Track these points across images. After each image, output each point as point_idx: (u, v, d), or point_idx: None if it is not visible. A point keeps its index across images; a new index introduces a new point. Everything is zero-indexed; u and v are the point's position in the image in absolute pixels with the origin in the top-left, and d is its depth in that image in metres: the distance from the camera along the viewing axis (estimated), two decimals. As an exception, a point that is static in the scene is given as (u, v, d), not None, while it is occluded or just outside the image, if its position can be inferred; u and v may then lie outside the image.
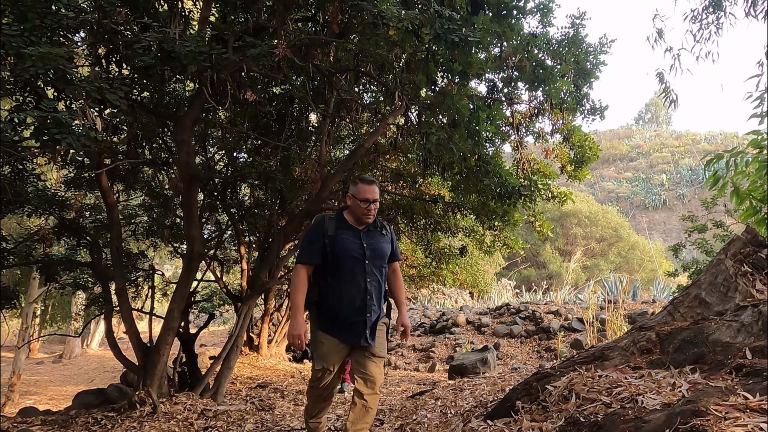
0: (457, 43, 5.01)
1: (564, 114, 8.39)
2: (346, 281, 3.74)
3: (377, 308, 3.82)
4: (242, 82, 5.85)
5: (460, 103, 5.98)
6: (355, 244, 3.79)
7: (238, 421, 5.80)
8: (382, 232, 3.96)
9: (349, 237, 3.80)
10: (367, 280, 3.76)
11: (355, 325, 3.74)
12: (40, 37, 4.02)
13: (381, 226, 3.99)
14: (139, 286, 9.33)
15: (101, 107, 4.84)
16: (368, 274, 3.77)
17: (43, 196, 7.04)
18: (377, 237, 3.91)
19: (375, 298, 3.80)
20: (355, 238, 3.82)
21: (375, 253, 3.83)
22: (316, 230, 3.82)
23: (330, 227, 3.80)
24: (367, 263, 3.77)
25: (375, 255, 3.83)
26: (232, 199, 8.82)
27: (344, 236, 3.79)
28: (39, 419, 5.98)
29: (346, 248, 3.75)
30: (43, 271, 7.69)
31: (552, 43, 7.92)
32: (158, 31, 4.76)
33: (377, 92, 8.20)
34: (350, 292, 3.74)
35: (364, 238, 3.83)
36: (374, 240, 3.87)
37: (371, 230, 3.90)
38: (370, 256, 3.80)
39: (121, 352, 6.72)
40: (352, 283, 3.74)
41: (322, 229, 3.80)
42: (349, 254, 3.74)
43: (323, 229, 3.80)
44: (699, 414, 2.53)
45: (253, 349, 12.76)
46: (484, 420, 3.88)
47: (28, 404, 11.13)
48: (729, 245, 4.41)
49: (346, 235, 3.80)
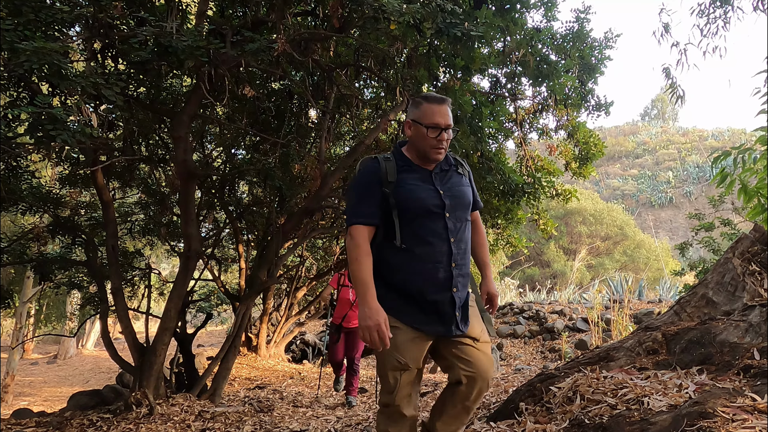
0: (460, 37, 5.01)
1: (568, 110, 8.38)
2: (421, 244, 2.70)
3: (465, 279, 2.80)
4: (240, 77, 5.85)
5: (463, 99, 5.98)
6: (428, 191, 2.75)
7: (236, 422, 5.81)
8: (458, 170, 2.93)
9: (417, 182, 2.76)
10: (451, 240, 2.73)
11: (438, 305, 2.70)
12: (35, 31, 4.02)
13: (455, 163, 2.96)
14: (136, 285, 9.34)
15: (97, 103, 4.84)
16: (451, 231, 2.74)
17: (38, 193, 7.03)
18: (455, 178, 2.87)
19: (462, 265, 2.76)
20: (426, 182, 2.78)
21: (457, 202, 2.80)
22: (369, 176, 2.76)
23: (389, 170, 2.75)
24: (448, 216, 2.74)
25: (457, 204, 2.79)
26: (230, 196, 8.83)
27: (411, 182, 2.76)
28: (33, 421, 5.99)
29: (417, 198, 2.71)
30: (38, 270, 7.70)
31: (556, 38, 7.92)
32: (155, 26, 4.76)
33: (378, 88, 8.20)
34: (428, 259, 2.70)
35: (438, 182, 2.80)
36: (452, 183, 2.84)
37: (444, 170, 2.87)
38: (451, 206, 2.76)
39: (117, 353, 6.72)
40: (430, 247, 2.71)
41: (379, 175, 2.74)
42: (423, 206, 2.71)
43: (380, 173, 2.74)
44: (706, 416, 2.54)
45: (252, 350, 12.78)
46: (487, 422, 3.88)
47: (22, 406, 11.16)
48: (737, 244, 4.41)
49: (413, 179, 2.77)
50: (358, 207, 2.74)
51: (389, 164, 2.77)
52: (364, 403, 7.24)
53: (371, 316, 2.51)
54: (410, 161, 2.82)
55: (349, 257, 2.67)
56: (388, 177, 2.73)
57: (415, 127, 2.77)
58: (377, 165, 2.77)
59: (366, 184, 2.76)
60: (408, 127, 2.82)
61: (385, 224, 2.73)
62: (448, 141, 2.77)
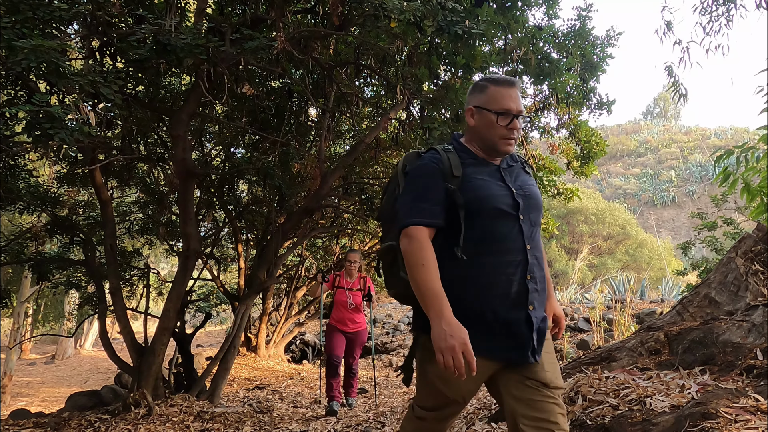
0: (461, 35, 5.01)
1: (570, 108, 8.38)
2: (492, 252, 2.21)
3: (542, 296, 2.32)
4: (240, 75, 5.85)
5: (464, 97, 5.97)
6: (499, 188, 2.28)
7: (236, 423, 5.81)
8: (524, 168, 2.49)
9: (485, 177, 2.30)
10: (527, 247, 2.25)
11: (511, 326, 2.18)
12: (32, 29, 4.02)
13: (520, 159, 2.52)
14: (134, 284, 9.34)
15: (95, 101, 4.84)
16: (526, 237, 2.26)
17: (36, 192, 7.04)
18: (523, 176, 2.42)
19: (538, 278, 2.28)
20: (495, 179, 2.31)
21: (530, 203, 2.33)
22: (430, 169, 2.29)
23: (454, 163, 2.29)
24: (522, 219, 2.26)
25: (531, 205, 2.32)
26: (230, 195, 8.83)
27: (479, 177, 2.29)
28: (31, 422, 6.00)
29: (489, 196, 2.24)
30: (35, 270, 7.70)
31: (558, 36, 7.92)
32: (153, 24, 4.76)
33: (378, 86, 8.20)
34: (500, 270, 2.20)
35: (509, 179, 2.34)
36: (522, 181, 2.38)
37: (511, 165, 2.42)
38: (525, 207, 2.29)
39: (116, 353, 6.73)
40: (502, 256, 2.21)
41: (441, 167, 2.27)
42: (496, 206, 2.23)
43: (442, 166, 2.28)
44: (709, 416, 2.54)
45: (251, 350, 12.78)
46: (488, 422, 3.89)
47: (20, 406, 11.15)
48: (739, 243, 4.41)
49: (481, 174, 2.31)
50: (416, 204, 2.24)
51: (452, 156, 2.31)
52: (365, 404, 7.25)
53: (454, 333, 2.00)
54: (474, 154, 2.36)
55: (411, 262, 2.16)
56: (453, 170, 2.26)
57: (481, 115, 2.34)
58: (438, 156, 2.31)
59: (427, 177, 2.28)
60: (470, 115, 2.38)
61: (447, 225, 2.24)
62: (519, 131, 2.34)
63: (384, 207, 2.51)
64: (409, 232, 2.19)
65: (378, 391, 8.13)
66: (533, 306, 2.21)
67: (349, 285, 7.00)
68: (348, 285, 7.00)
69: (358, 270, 7.26)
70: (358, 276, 7.15)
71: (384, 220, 2.50)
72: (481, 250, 2.20)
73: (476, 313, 2.17)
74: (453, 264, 2.20)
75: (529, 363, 2.18)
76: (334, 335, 6.85)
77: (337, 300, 6.96)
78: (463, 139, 2.44)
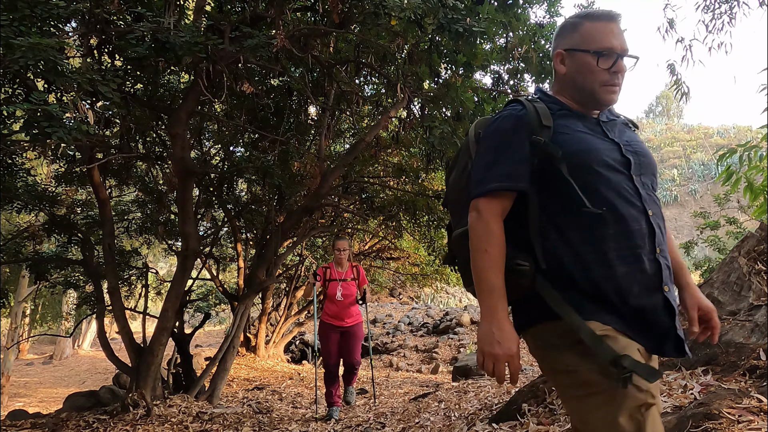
0: (462, 33, 5.00)
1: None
2: (609, 220, 1.73)
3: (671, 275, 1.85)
4: (239, 73, 5.85)
5: (465, 96, 5.97)
6: (603, 142, 1.83)
7: (235, 424, 5.81)
8: (628, 125, 2.03)
9: (583, 129, 1.84)
10: (648, 213, 1.78)
11: (646, 314, 1.72)
12: (30, 27, 4.02)
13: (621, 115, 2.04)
14: (133, 284, 9.35)
15: (93, 100, 4.84)
16: (645, 201, 1.79)
17: (33, 191, 7.05)
18: (628, 132, 1.95)
19: (666, 252, 1.82)
20: (597, 132, 1.86)
21: (643, 161, 1.86)
22: (512, 122, 1.84)
23: (542, 113, 1.83)
24: (636, 179, 1.80)
25: (644, 164, 1.86)
26: (229, 194, 8.83)
27: (576, 128, 1.83)
28: (29, 422, 6.00)
29: (591, 149, 1.78)
30: (33, 269, 7.72)
31: (559, 34, 7.91)
32: (152, 21, 4.76)
33: (379, 84, 8.20)
34: (623, 242, 1.73)
35: (612, 134, 1.88)
36: (629, 137, 1.92)
37: (612, 119, 1.95)
38: (637, 165, 1.83)
39: (114, 353, 6.73)
40: (623, 224, 1.73)
41: (526, 119, 1.82)
42: (601, 159, 1.78)
43: (527, 117, 1.82)
44: (711, 417, 2.54)
45: (251, 350, 12.79)
46: (489, 423, 3.89)
47: (18, 407, 11.15)
48: (742, 243, 4.41)
49: (578, 126, 1.85)
50: (492, 168, 1.80)
51: (540, 106, 1.86)
52: (365, 404, 7.25)
53: (503, 340, 1.67)
54: (567, 106, 1.92)
55: (473, 244, 1.77)
56: (542, 120, 1.81)
57: (574, 58, 1.90)
58: (520, 107, 1.87)
59: (506, 133, 1.83)
60: (560, 61, 1.94)
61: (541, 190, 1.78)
62: (623, 75, 1.90)
63: (452, 188, 2.07)
64: (479, 204, 1.78)
65: (378, 391, 8.13)
66: (668, 287, 1.77)
67: (341, 275, 6.46)
68: (340, 276, 6.46)
69: (348, 259, 6.72)
70: (350, 265, 6.63)
71: (452, 203, 2.06)
72: (593, 218, 1.72)
73: (601, 296, 1.69)
74: (562, 233, 1.74)
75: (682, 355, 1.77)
76: (329, 337, 6.42)
77: (329, 293, 6.42)
78: (551, 91, 2.00)
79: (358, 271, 6.64)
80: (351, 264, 6.67)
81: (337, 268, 6.53)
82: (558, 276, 1.73)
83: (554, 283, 1.73)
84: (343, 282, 6.46)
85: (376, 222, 11.26)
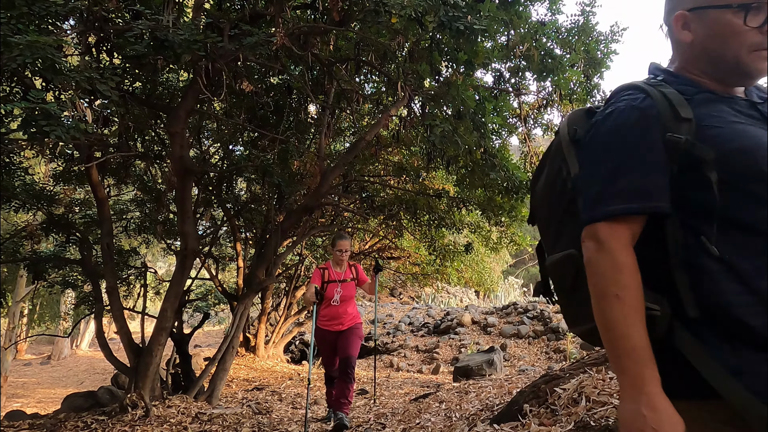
0: (463, 31, 5.00)
1: (574, 105, 8.36)
2: None
3: None
4: (238, 71, 5.85)
5: (466, 94, 5.97)
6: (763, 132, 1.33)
7: (234, 425, 5.81)
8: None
9: (738, 118, 1.36)
10: None
11: None
12: (28, 24, 4.01)
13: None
14: (131, 284, 9.37)
15: (91, 98, 4.83)
16: None
17: (31, 190, 7.05)
18: None
19: None
20: (756, 120, 1.37)
21: None
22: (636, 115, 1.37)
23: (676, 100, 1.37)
24: None
25: None
26: (228, 193, 8.83)
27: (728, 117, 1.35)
28: (26, 423, 6.01)
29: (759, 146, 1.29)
30: (31, 269, 7.71)
31: (561, 32, 7.91)
32: (151, 19, 4.76)
33: (379, 82, 8.20)
34: None
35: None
36: None
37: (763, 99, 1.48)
38: None
39: (112, 353, 6.73)
40: None
41: (655, 111, 1.37)
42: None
43: (657, 108, 1.37)
44: (714, 418, 2.53)
45: (250, 350, 12.79)
46: (490, 424, 3.89)
47: (15, 407, 11.16)
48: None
49: (728, 113, 1.37)
50: (615, 178, 1.34)
51: (669, 91, 1.40)
52: (365, 405, 7.25)
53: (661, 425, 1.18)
54: (703, 85, 1.44)
55: (597, 286, 1.31)
56: (679, 110, 1.35)
57: (706, 19, 1.41)
58: (643, 95, 1.41)
59: (629, 129, 1.37)
60: (682, 26, 1.46)
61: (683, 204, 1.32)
62: None
63: (540, 201, 1.65)
64: (599, 232, 1.32)
65: (378, 392, 8.13)
66: None
67: (339, 276, 6.07)
68: (339, 276, 6.07)
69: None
70: (348, 265, 6.22)
71: (542, 220, 1.65)
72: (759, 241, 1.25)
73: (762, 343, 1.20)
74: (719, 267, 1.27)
75: None
76: (326, 344, 6.14)
77: (327, 296, 6.00)
78: (673, 68, 1.53)
79: (356, 270, 6.27)
80: (348, 263, 6.28)
81: (335, 268, 6.13)
82: (721, 324, 1.24)
83: (711, 335, 1.25)
84: (343, 283, 6.08)
85: (377, 221, 11.26)
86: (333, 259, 6.19)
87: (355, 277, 6.22)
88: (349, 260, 6.40)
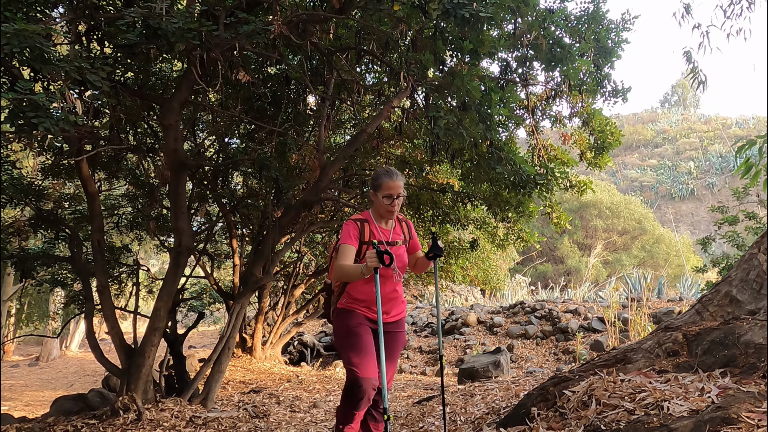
0: (468, 19, 4.99)
1: (583, 96, 8.36)
2: None
3: None
4: (234, 61, 5.84)
5: (471, 85, 5.96)
6: None
7: (230, 429, 5.83)
8: None
9: None
10: None
11: None
12: (15, 12, 4.02)
13: None
14: (123, 282, 9.36)
15: (81, 89, 4.84)
16: None
17: (19, 185, 7.05)
18: None
19: None
20: None
21: None
22: None
23: None
24: None
25: None
26: (224, 188, 8.83)
27: None
28: (14, 427, 6.01)
29: None
30: (19, 267, 7.72)
31: (570, 20, 7.89)
32: (143, 7, 4.76)
33: (381, 73, 8.19)
34: None
35: None
36: None
37: None
38: None
39: (103, 355, 6.74)
40: None
41: None
42: None
43: None
44: (729, 421, 2.54)
45: (246, 351, 12.80)
46: (496, 428, 3.90)
47: (3, 411, 11.19)
48: (762, 238, 4.40)
49: None
50: None
51: None
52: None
53: None
54: None
55: None
56: None
57: None
58: None
59: None
60: None
61: None
62: None
63: None
64: None
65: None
66: None
67: (387, 236, 4.05)
68: (387, 236, 4.05)
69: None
70: (396, 220, 4.20)
71: None
72: None
73: None
74: None
75: None
76: (361, 334, 3.89)
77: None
78: None
79: (408, 227, 4.29)
80: (397, 217, 4.23)
81: (379, 223, 4.08)
82: None
83: None
84: (392, 246, 4.05)
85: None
86: (375, 209, 4.08)
87: (407, 240, 4.23)
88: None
